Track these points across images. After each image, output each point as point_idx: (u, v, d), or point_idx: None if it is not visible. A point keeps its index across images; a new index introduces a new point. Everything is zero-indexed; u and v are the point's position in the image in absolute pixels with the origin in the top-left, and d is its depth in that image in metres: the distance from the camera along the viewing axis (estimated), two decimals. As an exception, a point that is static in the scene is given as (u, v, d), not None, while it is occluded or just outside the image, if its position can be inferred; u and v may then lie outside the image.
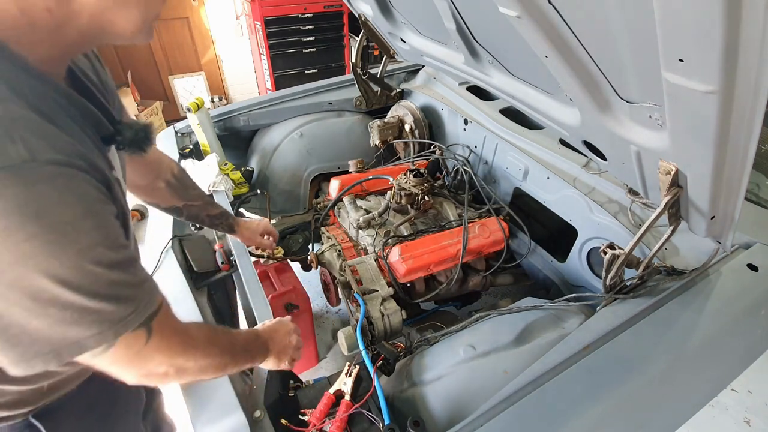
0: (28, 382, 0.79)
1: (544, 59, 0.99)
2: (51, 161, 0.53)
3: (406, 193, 1.83)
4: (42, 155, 0.53)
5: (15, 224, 0.50)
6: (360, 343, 1.24)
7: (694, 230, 1.16)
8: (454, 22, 1.33)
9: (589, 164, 1.64)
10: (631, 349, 1.06)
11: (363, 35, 2.14)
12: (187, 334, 0.79)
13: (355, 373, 1.13)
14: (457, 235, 1.71)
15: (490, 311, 1.29)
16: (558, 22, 0.87)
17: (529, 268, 1.95)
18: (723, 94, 0.68)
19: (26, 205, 0.51)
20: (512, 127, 1.91)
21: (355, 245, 1.82)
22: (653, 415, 0.99)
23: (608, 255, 1.12)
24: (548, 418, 0.93)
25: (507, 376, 1.05)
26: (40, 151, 0.53)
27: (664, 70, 0.72)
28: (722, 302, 1.20)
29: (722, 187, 0.92)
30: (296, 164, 2.28)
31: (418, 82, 2.49)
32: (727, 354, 1.16)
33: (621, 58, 0.83)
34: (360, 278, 1.60)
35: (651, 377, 1.02)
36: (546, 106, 1.29)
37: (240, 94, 5.04)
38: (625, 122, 1.01)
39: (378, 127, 2.28)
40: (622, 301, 1.19)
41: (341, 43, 4.66)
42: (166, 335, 0.72)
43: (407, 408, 1.07)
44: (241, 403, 1.01)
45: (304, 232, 2.15)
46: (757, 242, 1.34)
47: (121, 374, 0.71)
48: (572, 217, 1.66)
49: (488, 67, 1.46)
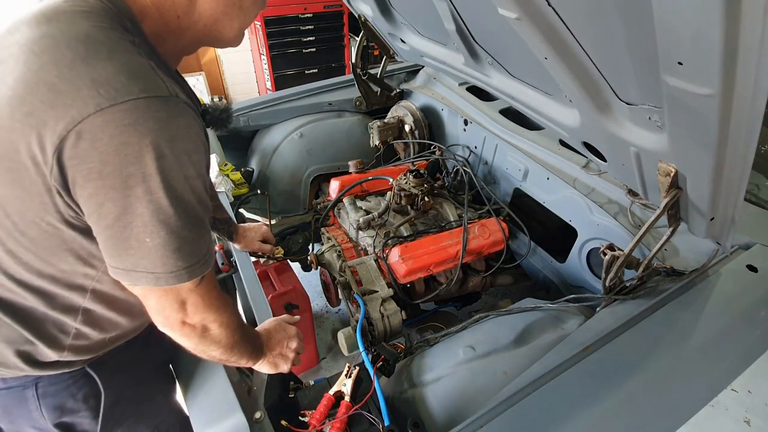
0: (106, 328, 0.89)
1: (543, 61, 0.99)
2: (185, 102, 0.70)
3: (406, 193, 1.83)
4: (180, 96, 0.69)
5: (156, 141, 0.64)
6: (360, 344, 1.24)
7: (693, 231, 1.16)
8: (454, 23, 1.33)
9: (589, 165, 1.64)
10: (630, 349, 1.06)
11: (363, 35, 2.14)
12: (222, 296, 0.86)
13: (355, 374, 1.13)
14: (457, 235, 1.71)
15: (489, 312, 1.29)
16: (557, 24, 0.87)
17: (528, 268, 1.95)
18: (722, 96, 0.68)
19: (167, 128, 0.65)
20: (512, 127, 1.91)
21: (355, 246, 1.82)
22: (653, 416, 0.99)
23: (608, 256, 1.12)
24: (548, 419, 0.93)
25: (507, 376, 1.05)
26: (179, 93, 0.69)
27: (664, 72, 0.72)
28: (722, 303, 1.20)
29: (722, 188, 0.92)
30: (296, 165, 2.28)
31: (418, 82, 2.49)
32: (727, 354, 1.16)
33: (620, 60, 0.83)
34: (360, 279, 1.60)
35: (651, 378, 1.02)
36: (545, 107, 1.30)
37: (240, 94, 5.04)
38: (624, 124, 1.01)
39: (378, 127, 2.28)
40: (622, 301, 1.19)
41: (341, 43, 4.66)
42: (210, 287, 0.81)
43: (407, 409, 1.07)
44: (241, 404, 1.01)
45: (304, 233, 2.16)
46: (757, 243, 1.34)
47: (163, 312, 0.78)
48: (572, 218, 1.66)
49: (488, 68, 1.46)
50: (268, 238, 1.65)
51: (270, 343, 1.07)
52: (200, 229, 0.74)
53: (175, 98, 0.67)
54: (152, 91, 0.64)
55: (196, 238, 0.73)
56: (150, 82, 0.65)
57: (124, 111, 0.62)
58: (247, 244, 1.56)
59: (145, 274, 0.71)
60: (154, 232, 0.67)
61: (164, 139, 0.64)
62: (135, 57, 0.67)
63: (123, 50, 0.66)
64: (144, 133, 0.63)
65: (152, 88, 0.65)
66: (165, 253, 0.69)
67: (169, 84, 0.68)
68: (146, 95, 0.63)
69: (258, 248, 1.61)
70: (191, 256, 0.72)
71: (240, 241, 1.54)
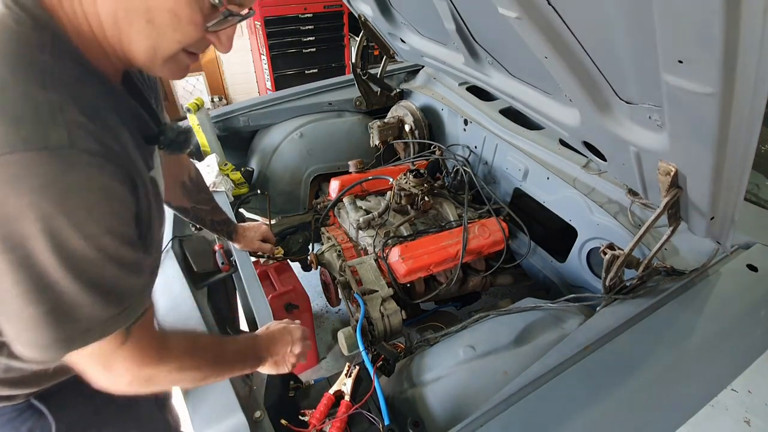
0: None
1: (543, 60, 0.99)
2: (85, 150, 0.57)
3: (406, 193, 1.83)
4: (79, 143, 0.56)
5: (38, 201, 0.54)
6: (360, 344, 1.24)
7: (693, 231, 1.16)
8: (454, 23, 1.33)
9: (589, 165, 1.64)
10: (631, 349, 1.06)
11: (363, 35, 2.14)
12: (163, 345, 0.77)
13: (355, 373, 1.13)
14: (457, 235, 1.71)
15: (489, 312, 1.29)
16: (557, 23, 0.87)
17: (528, 268, 1.95)
18: (722, 95, 0.68)
19: (53, 186, 0.54)
20: (512, 127, 1.91)
21: (355, 246, 1.82)
22: (653, 415, 0.99)
23: (608, 255, 1.12)
24: (548, 418, 0.93)
25: (507, 376, 1.05)
26: (78, 140, 0.56)
27: (664, 71, 0.72)
28: (722, 303, 1.20)
29: (722, 187, 0.92)
30: (296, 164, 2.28)
31: (418, 82, 2.49)
32: (727, 354, 1.16)
33: (620, 59, 0.83)
34: (360, 278, 1.60)
35: (651, 377, 1.02)
36: (546, 106, 1.29)
37: (240, 94, 5.04)
38: (624, 123, 1.01)
39: (378, 127, 2.28)
40: (622, 301, 1.19)
41: (341, 43, 4.66)
42: (142, 343, 0.71)
43: (407, 408, 1.07)
44: (241, 403, 1.01)
45: (304, 233, 2.15)
46: (757, 243, 1.34)
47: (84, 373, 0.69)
48: (572, 218, 1.66)
49: (488, 67, 1.46)
50: (268, 238, 1.64)
51: (273, 347, 1.04)
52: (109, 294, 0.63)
53: (68, 150, 0.55)
54: (38, 142, 0.53)
55: (97, 303, 0.61)
56: (39, 129, 0.54)
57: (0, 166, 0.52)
58: (247, 243, 1.55)
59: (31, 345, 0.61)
60: (38, 299, 0.57)
61: (50, 198, 0.54)
62: (32, 91, 0.55)
63: (18, 82, 0.55)
64: (23, 192, 0.53)
65: (39, 138, 0.54)
66: (54, 321, 0.59)
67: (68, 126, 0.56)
68: (27, 150, 0.53)
69: (258, 247, 1.60)
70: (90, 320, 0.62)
71: (240, 241, 1.53)
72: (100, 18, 0.62)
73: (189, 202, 1.29)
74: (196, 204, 1.31)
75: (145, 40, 0.63)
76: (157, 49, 0.65)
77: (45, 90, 0.56)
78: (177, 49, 0.66)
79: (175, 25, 0.62)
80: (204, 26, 0.64)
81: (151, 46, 0.64)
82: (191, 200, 1.29)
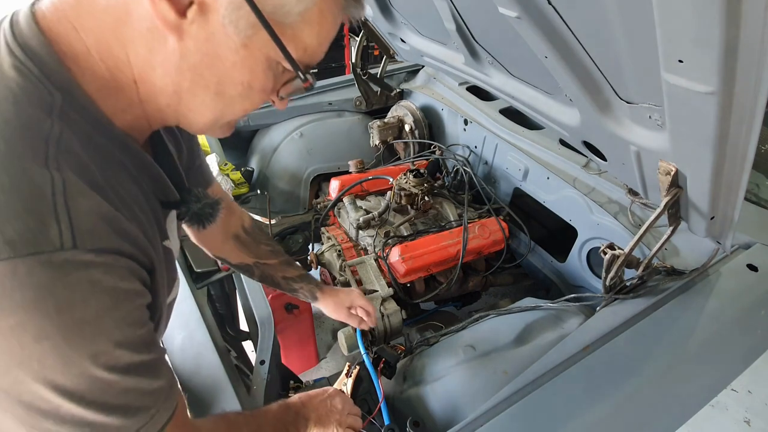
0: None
1: (543, 60, 0.99)
2: (93, 249, 0.46)
3: (406, 193, 1.83)
4: (86, 242, 0.45)
5: (29, 320, 0.43)
6: (360, 344, 1.24)
7: (693, 230, 1.16)
8: (454, 23, 1.32)
9: (589, 164, 1.64)
10: (630, 349, 1.06)
11: (363, 35, 2.14)
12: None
13: (355, 373, 1.13)
14: (457, 235, 1.71)
15: (489, 311, 1.29)
16: (558, 22, 0.87)
17: (529, 268, 1.95)
18: (722, 94, 0.68)
19: (49, 299, 0.43)
20: (512, 127, 1.91)
21: (355, 245, 1.82)
22: (653, 415, 0.99)
23: (608, 255, 1.12)
24: (548, 418, 0.93)
25: (506, 376, 1.05)
26: (85, 237, 0.46)
27: (664, 71, 0.72)
28: (722, 302, 1.20)
29: (722, 187, 0.92)
30: (296, 164, 2.28)
31: (418, 82, 2.49)
32: (727, 354, 1.16)
33: (620, 58, 0.83)
34: (360, 278, 1.60)
35: (651, 377, 1.02)
36: (546, 106, 1.29)
37: (240, 94, 5.02)
38: (624, 123, 1.01)
39: (378, 127, 2.28)
40: (622, 301, 1.19)
41: (341, 43, 4.65)
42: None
43: (407, 408, 1.07)
44: (241, 403, 1.01)
45: (304, 233, 2.15)
46: (757, 242, 1.34)
47: None
48: (572, 217, 1.66)
49: (488, 67, 1.46)
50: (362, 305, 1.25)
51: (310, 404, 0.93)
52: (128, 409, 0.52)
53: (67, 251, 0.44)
54: (26, 247, 0.42)
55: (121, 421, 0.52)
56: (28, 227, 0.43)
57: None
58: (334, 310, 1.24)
59: None
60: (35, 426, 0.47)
61: (41, 315, 0.43)
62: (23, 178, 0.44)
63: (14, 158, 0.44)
64: (7, 311, 0.42)
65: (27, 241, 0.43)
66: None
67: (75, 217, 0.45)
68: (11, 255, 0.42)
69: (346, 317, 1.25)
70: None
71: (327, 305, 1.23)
72: (155, 86, 0.54)
73: (249, 257, 1.08)
74: (258, 259, 1.10)
75: (210, 111, 0.58)
76: (220, 119, 0.60)
77: (46, 168, 0.45)
78: (242, 117, 0.62)
79: (246, 95, 0.57)
80: (275, 92, 0.59)
81: (215, 116, 0.59)
82: (251, 254, 1.08)
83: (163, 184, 0.65)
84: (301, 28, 0.53)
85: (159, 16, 0.48)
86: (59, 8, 0.50)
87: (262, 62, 0.54)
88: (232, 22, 0.49)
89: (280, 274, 1.14)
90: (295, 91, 0.61)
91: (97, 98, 0.52)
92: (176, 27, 0.49)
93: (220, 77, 0.53)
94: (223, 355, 1.13)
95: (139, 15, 0.49)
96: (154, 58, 0.51)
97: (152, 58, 0.51)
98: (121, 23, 0.49)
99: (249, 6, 0.48)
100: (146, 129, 0.62)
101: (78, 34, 0.50)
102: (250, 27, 0.50)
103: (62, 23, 0.49)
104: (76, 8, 0.49)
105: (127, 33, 0.50)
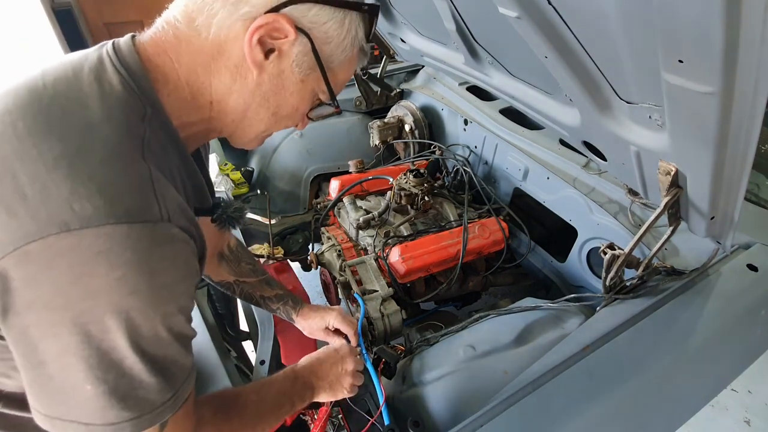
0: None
1: (543, 60, 0.99)
2: (179, 225, 0.58)
3: (406, 193, 1.83)
4: (176, 218, 0.58)
5: (132, 276, 0.52)
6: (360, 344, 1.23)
7: (693, 230, 1.16)
8: (454, 23, 1.32)
9: (589, 164, 1.64)
10: (631, 349, 1.06)
11: (363, 35, 2.13)
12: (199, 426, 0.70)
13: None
14: (457, 235, 1.71)
15: (489, 311, 1.29)
16: (558, 22, 0.87)
17: (529, 268, 1.95)
18: (723, 95, 0.68)
19: (148, 261, 0.54)
20: (512, 127, 1.91)
21: (355, 245, 1.82)
22: (653, 415, 0.99)
23: (608, 255, 1.12)
24: (548, 418, 0.93)
25: (507, 376, 1.05)
26: (175, 215, 0.58)
27: (664, 71, 0.72)
28: (722, 302, 1.20)
29: (722, 187, 0.92)
30: (296, 164, 2.28)
31: (418, 82, 2.49)
32: (727, 354, 1.16)
33: (621, 58, 0.83)
34: (360, 278, 1.60)
35: (651, 377, 1.02)
36: (546, 106, 1.29)
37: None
38: (624, 123, 1.01)
39: (378, 127, 2.28)
40: (622, 301, 1.19)
41: (341, 43, 4.65)
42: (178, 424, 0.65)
43: (407, 408, 1.07)
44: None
45: (304, 233, 2.16)
46: (757, 242, 1.34)
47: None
48: (572, 217, 1.66)
49: (488, 67, 1.46)
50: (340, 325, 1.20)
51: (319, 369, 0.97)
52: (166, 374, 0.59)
53: (165, 223, 0.56)
54: (138, 216, 0.53)
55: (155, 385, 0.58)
56: (139, 201, 0.54)
57: (96, 237, 0.50)
58: (310, 332, 1.24)
59: (75, 425, 0.56)
60: (100, 378, 0.54)
61: (141, 273, 0.53)
62: (133, 164, 0.56)
63: (122, 154, 0.55)
64: (116, 265, 0.51)
65: (139, 211, 0.53)
66: (108, 403, 0.55)
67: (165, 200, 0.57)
68: (128, 220, 0.52)
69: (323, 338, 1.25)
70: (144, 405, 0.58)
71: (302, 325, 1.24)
72: (228, 106, 0.68)
73: (231, 274, 1.13)
74: (239, 277, 1.15)
75: (263, 125, 0.73)
76: (266, 131, 0.75)
77: (143, 160, 0.57)
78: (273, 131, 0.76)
79: (291, 115, 0.73)
80: (306, 114, 0.76)
81: (263, 130, 0.74)
82: (233, 272, 1.13)
83: (202, 191, 0.76)
84: (339, 70, 0.72)
85: (250, 58, 0.63)
86: (159, 44, 0.64)
87: (310, 92, 0.71)
88: (299, 65, 0.66)
89: (258, 293, 1.18)
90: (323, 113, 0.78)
91: (172, 115, 0.64)
92: (259, 65, 0.64)
93: (280, 102, 0.70)
94: (223, 355, 1.13)
95: (230, 54, 0.63)
96: (234, 85, 0.66)
97: (232, 86, 0.66)
98: (213, 60, 0.64)
99: (313, 56, 0.66)
100: (201, 142, 0.76)
101: (173, 65, 0.64)
102: (309, 68, 0.67)
103: (161, 56, 0.64)
104: (176, 46, 0.64)
105: (216, 66, 0.64)
